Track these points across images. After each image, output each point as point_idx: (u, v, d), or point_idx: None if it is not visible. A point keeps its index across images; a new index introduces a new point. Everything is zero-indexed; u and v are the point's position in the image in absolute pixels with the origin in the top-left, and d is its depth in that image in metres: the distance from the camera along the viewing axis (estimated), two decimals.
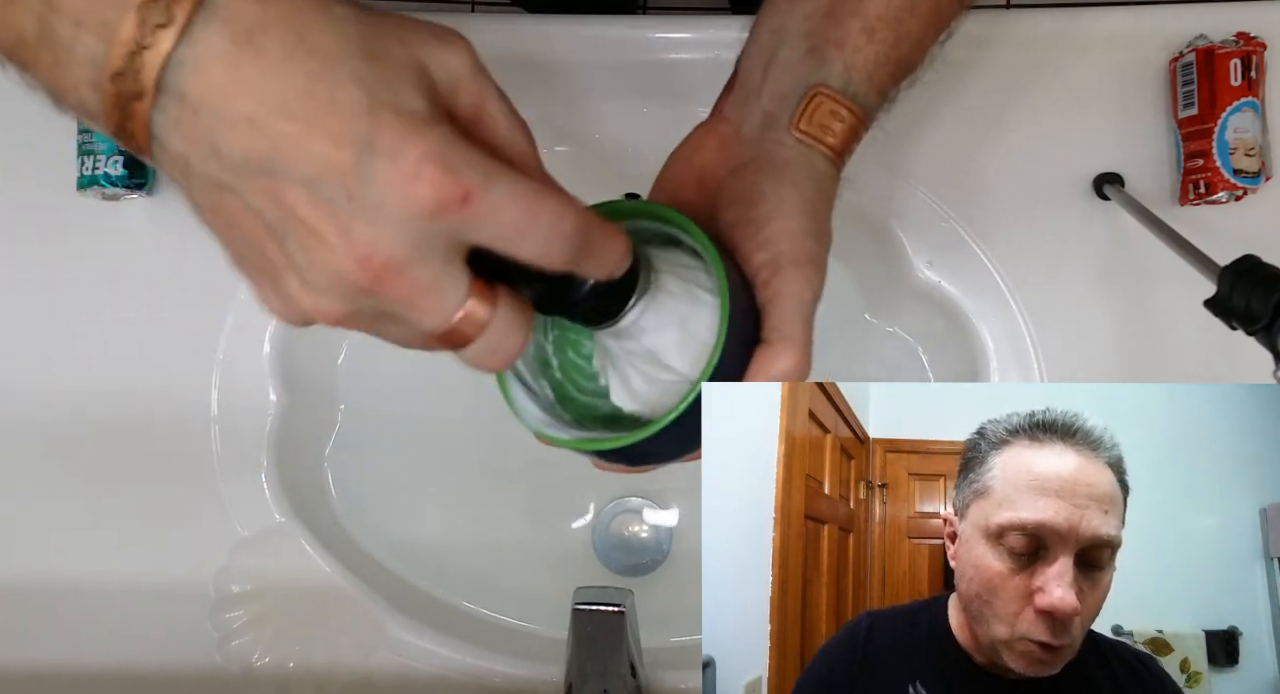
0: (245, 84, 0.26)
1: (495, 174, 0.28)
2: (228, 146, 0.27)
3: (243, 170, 0.27)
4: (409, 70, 0.28)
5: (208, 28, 0.26)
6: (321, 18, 0.27)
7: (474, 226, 0.28)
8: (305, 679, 0.64)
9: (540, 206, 0.29)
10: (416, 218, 0.27)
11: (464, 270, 0.29)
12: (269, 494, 0.66)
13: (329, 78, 0.26)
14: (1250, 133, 0.61)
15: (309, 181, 0.27)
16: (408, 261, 0.28)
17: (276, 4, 0.27)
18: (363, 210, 0.27)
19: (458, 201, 0.27)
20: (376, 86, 0.27)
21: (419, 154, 0.27)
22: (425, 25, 0.29)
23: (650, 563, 0.73)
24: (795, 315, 0.36)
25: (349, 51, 0.27)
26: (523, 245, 0.29)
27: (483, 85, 0.30)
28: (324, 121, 0.26)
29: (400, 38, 0.28)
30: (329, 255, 0.27)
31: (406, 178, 0.26)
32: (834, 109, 0.39)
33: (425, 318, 0.29)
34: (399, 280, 0.28)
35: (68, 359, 0.66)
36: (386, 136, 0.26)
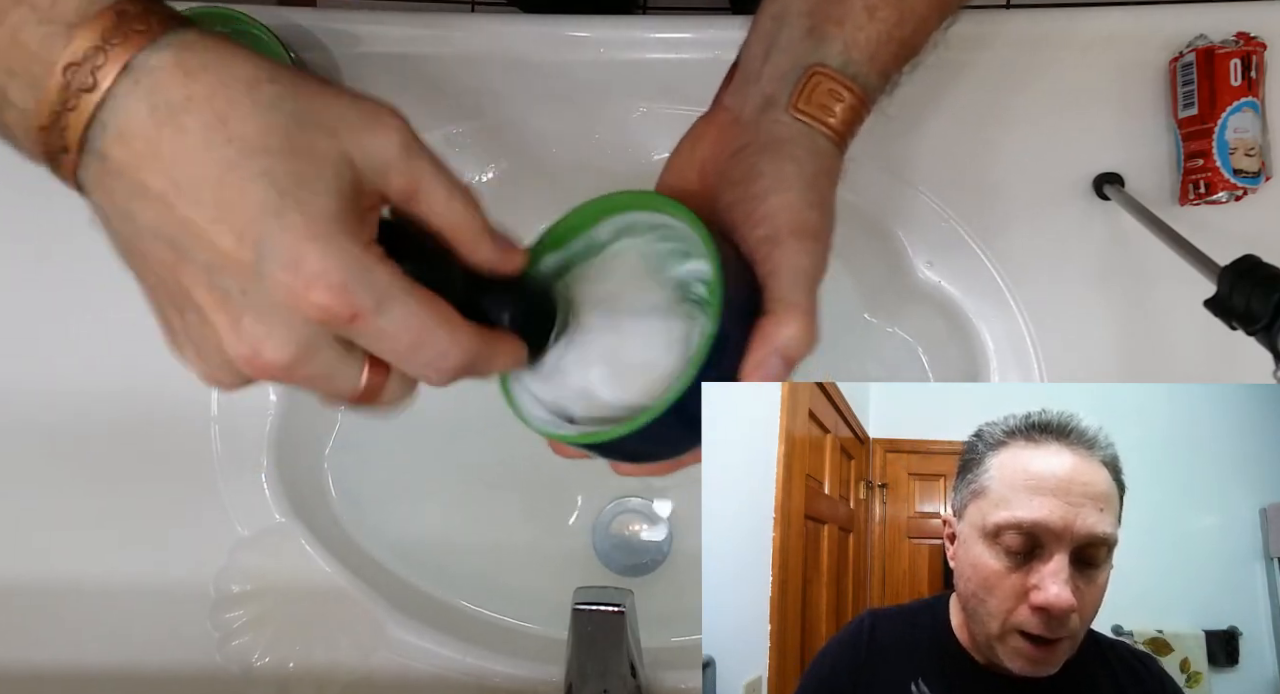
0: (162, 161, 0.26)
1: (389, 299, 0.28)
2: (140, 216, 0.27)
3: (153, 239, 0.28)
4: (329, 167, 0.28)
5: (131, 97, 0.26)
6: (248, 103, 0.27)
7: (360, 340, 0.29)
8: (305, 679, 0.64)
9: (427, 339, 0.29)
10: (305, 324, 0.28)
11: (358, 359, 0.30)
12: (269, 494, 0.66)
13: (243, 169, 0.26)
14: (1250, 133, 0.61)
15: (209, 268, 0.27)
16: (294, 360, 0.28)
17: (201, 80, 0.27)
18: (253, 307, 0.27)
19: (345, 319, 0.28)
20: (289, 186, 0.27)
21: (315, 267, 0.27)
22: (356, 108, 0.29)
23: (650, 563, 0.73)
24: (796, 284, 0.35)
25: (269, 144, 0.27)
26: (408, 367, 0.30)
27: (414, 165, 0.30)
28: (230, 215, 0.26)
29: (328, 127, 0.28)
30: (219, 342, 0.28)
31: (299, 288, 0.27)
32: (833, 88, 0.38)
33: (323, 395, 0.30)
34: (287, 375, 0.29)
35: (68, 359, 0.66)
36: (287, 242, 0.27)
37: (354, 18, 0.66)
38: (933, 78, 0.65)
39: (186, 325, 0.29)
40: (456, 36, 0.66)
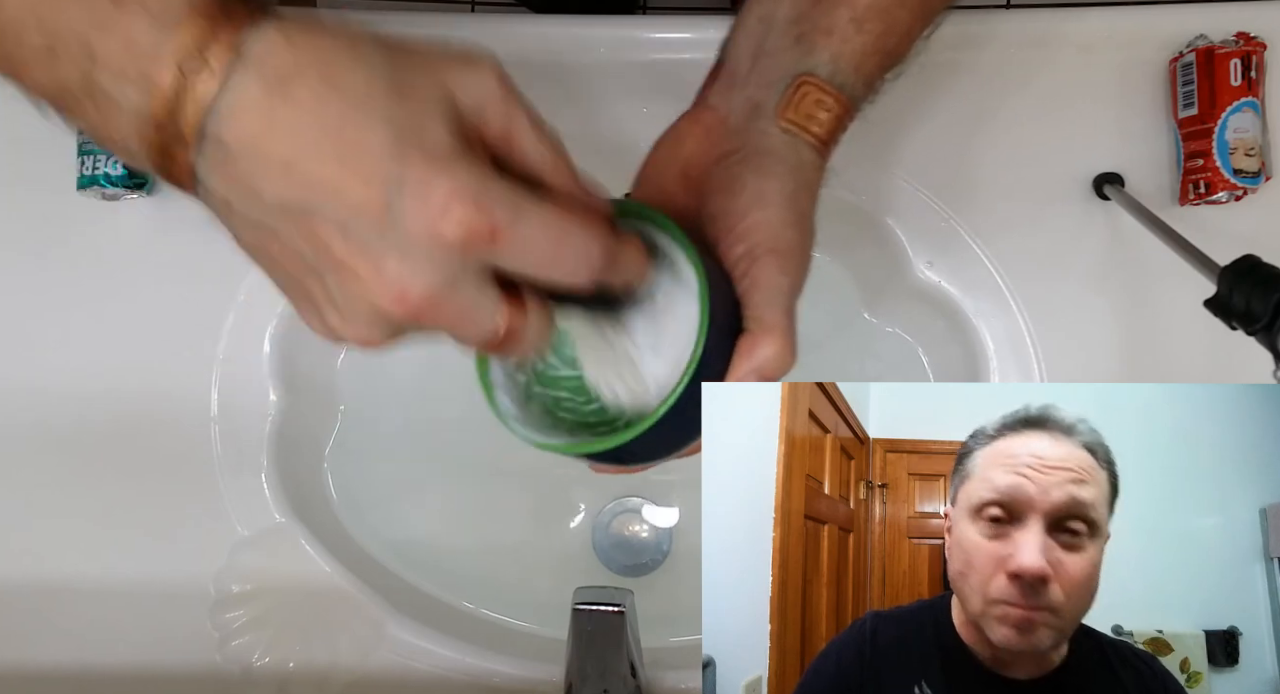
0: (280, 130, 0.27)
1: (523, 207, 0.29)
2: (266, 190, 0.28)
3: (281, 212, 0.28)
4: (436, 103, 0.29)
5: (244, 76, 0.27)
6: (350, 59, 0.28)
7: (503, 257, 0.29)
8: (305, 679, 0.64)
9: (566, 237, 0.30)
10: (446, 252, 0.28)
11: (496, 292, 0.30)
12: (269, 494, 0.66)
13: (358, 120, 0.27)
14: (1250, 133, 0.61)
15: (343, 222, 0.28)
16: (441, 294, 0.29)
17: (308, 49, 0.28)
18: (395, 247, 0.28)
19: (485, 237, 0.28)
20: (404, 125, 0.28)
21: (446, 191, 0.27)
22: (451, 51, 0.30)
23: (650, 563, 0.73)
24: (773, 303, 0.36)
25: (377, 91, 0.28)
26: (552, 272, 0.30)
27: (510, 106, 0.31)
28: (354, 164, 0.27)
29: (427, 69, 0.29)
30: (365, 292, 0.29)
31: (434, 215, 0.27)
32: (820, 98, 0.39)
33: (466, 336, 0.31)
34: (434, 311, 0.29)
35: (68, 359, 0.66)
36: (414, 175, 0.27)
37: (354, 18, 0.66)
38: (933, 77, 0.65)
39: (329, 290, 0.29)
40: (456, 36, 0.66)
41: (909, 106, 0.65)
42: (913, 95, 0.65)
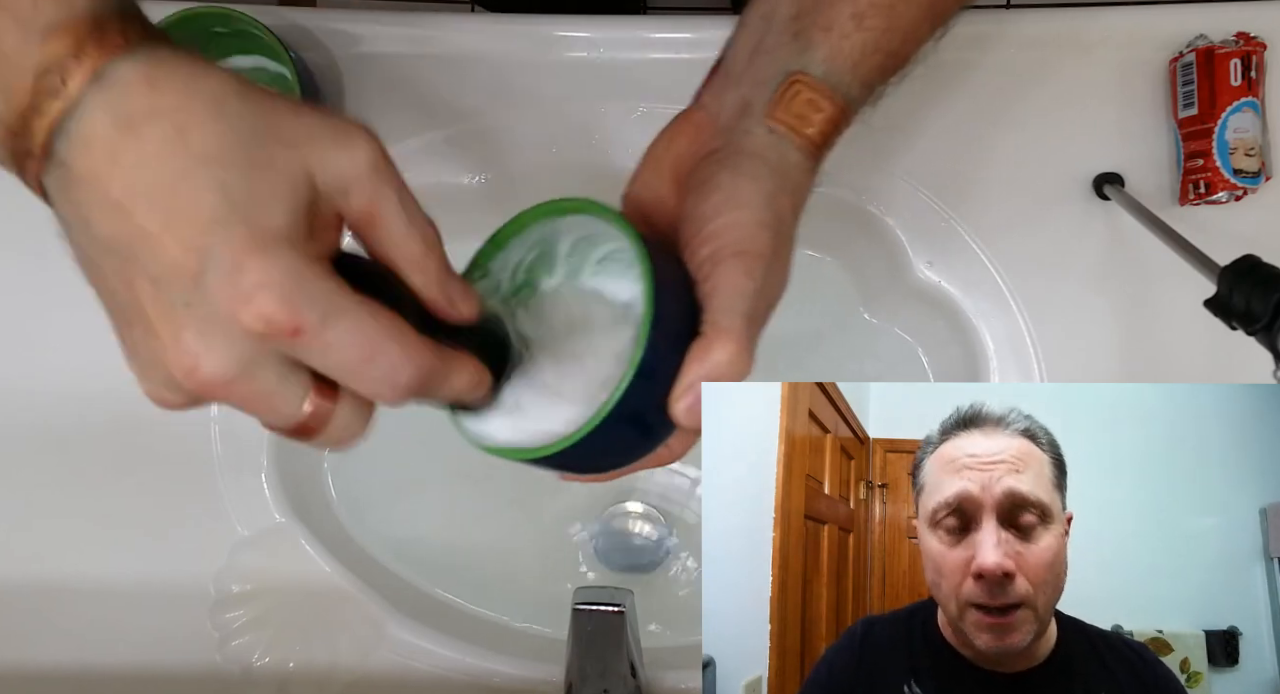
0: (120, 170, 0.26)
1: (336, 311, 0.27)
2: (96, 225, 0.27)
3: (106, 250, 0.28)
4: (285, 180, 0.28)
5: (95, 106, 0.26)
6: (210, 115, 0.27)
7: (305, 356, 0.28)
8: (305, 679, 0.64)
9: (377, 353, 0.28)
10: (244, 339, 0.27)
11: (301, 379, 0.29)
12: (269, 494, 0.66)
13: (195, 180, 0.26)
14: (1250, 133, 0.61)
15: (156, 279, 0.27)
16: (233, 377, 0.28)
17: (168, 93, 0.27)
18: (195, 321, 0.27)
19: (286, 333, 0.27)
20: (241, 198, 0.27)
21: (257, 277, 0.26)
22: (327, 123, 0.29)
23: (650, 563, 0.73)
24: (732, 307, 0.34)
25: (225, 156, 0.27)
26: (357, 384, 0.29)
27: (379, 187, 0.29)
28: (180, 224, 0.26)
29: (290, 140, 0.28)
30: (163, 355, 0.28)
31: (239, 299, 0.26)
32: (812, 98, 0.37)
33: (264, 418, 0.30)
34: (225, 392, 0.28)
35: (68, 359, 0.66)
36: (230, 253, 0.26)
37: (354, 18, 0.66)
38: (933, 78, 0.65)
39: (136, 340, 0.29)
40: (456, 36, 0.66)
41: (908, 106, 0.65)
42: (912, 95, 0.65)
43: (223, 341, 0.27)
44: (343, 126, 0.29)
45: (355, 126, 0.29)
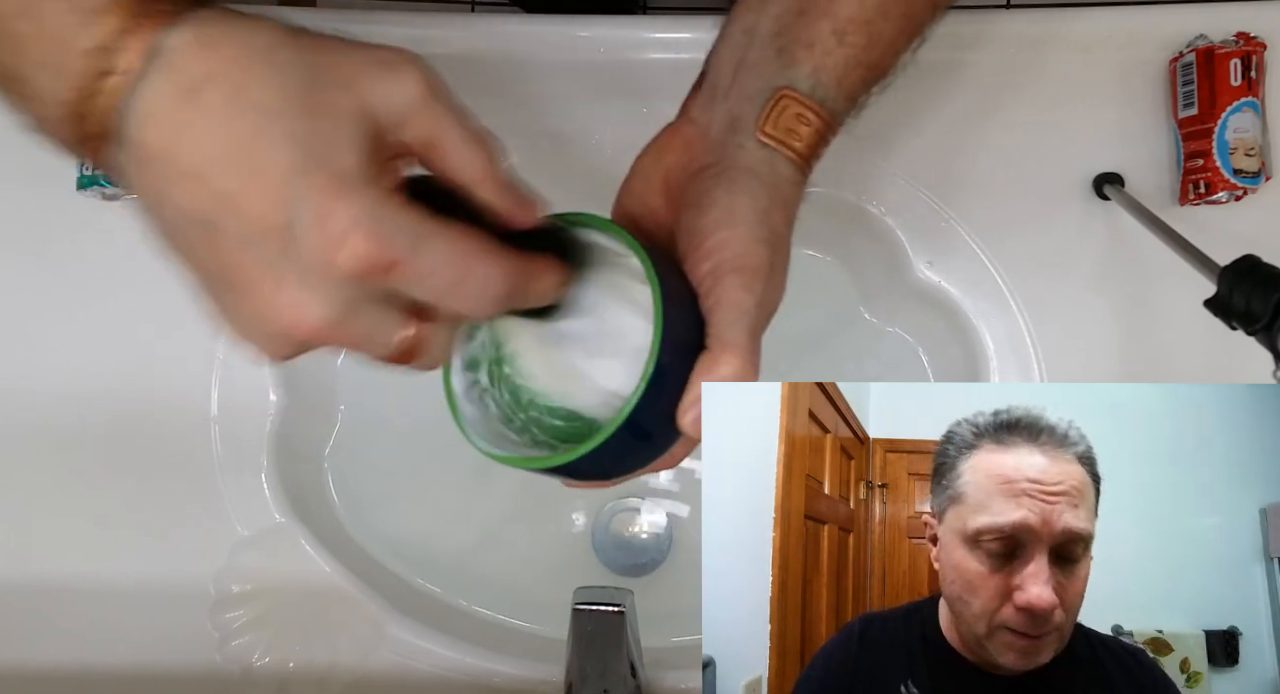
0: (190, 140, 0.27)
1: (424, 239, 0.28)
2: (175, 198, 0.28)
3: (189, 221, 0.28)
4: (349, 122, 0.28)
5: (155, 79, 0.26)
6: (266, 70, 0.27)
7: (402, 287, 0.29)
8: (305, 679, 0.64)
9: (470, 270, 0.29)
10: (343, 281, 0.28)
11: (396, 312, 0.30)
12: (269, 494, 0.66)
13: (266, 137, 0.27)
14: (1250, 133, 0.61)
15: (245, 239, 0.27)
16: (338, 320, 0.28)
17: (222, 53, 0.27)
18: (294, 271, 0.27)
19: (382, 269, 0.28)
20: (312, 146, 0.27)
21: (345, 221, 0.27)
22: (373, 57, 0.29)
23: (650, 563, 0.73)
24: (735, 321, 0.35)
25: (289, 107, 0.27)
26: (454, 303, 0.30)
27: (434, 113, 0.30)
28: (259, 182, 0.27)
29: (344, 81, 0.28)
30: (265, 310, 0.28)
31: (333, 244, 0.27)
32: (800, 112, 0.38)
33: (368, 353, 0.30)
34: (332, 335, 0.29)
35: (68, 359, 0.66)
36: (315, 201, 0.27)
37: (354, 18, 0.66)
38: (933, 77, 0.65)
39: (232, 304, 0.29)
40: (456, 36, 0.66)
41: (908, 106, 0.65)
42: (912, 95, 0.65)
43: (323, 288, 0.28)
44: (391, 59, 0.30)
45: (402, 57, 0.30)
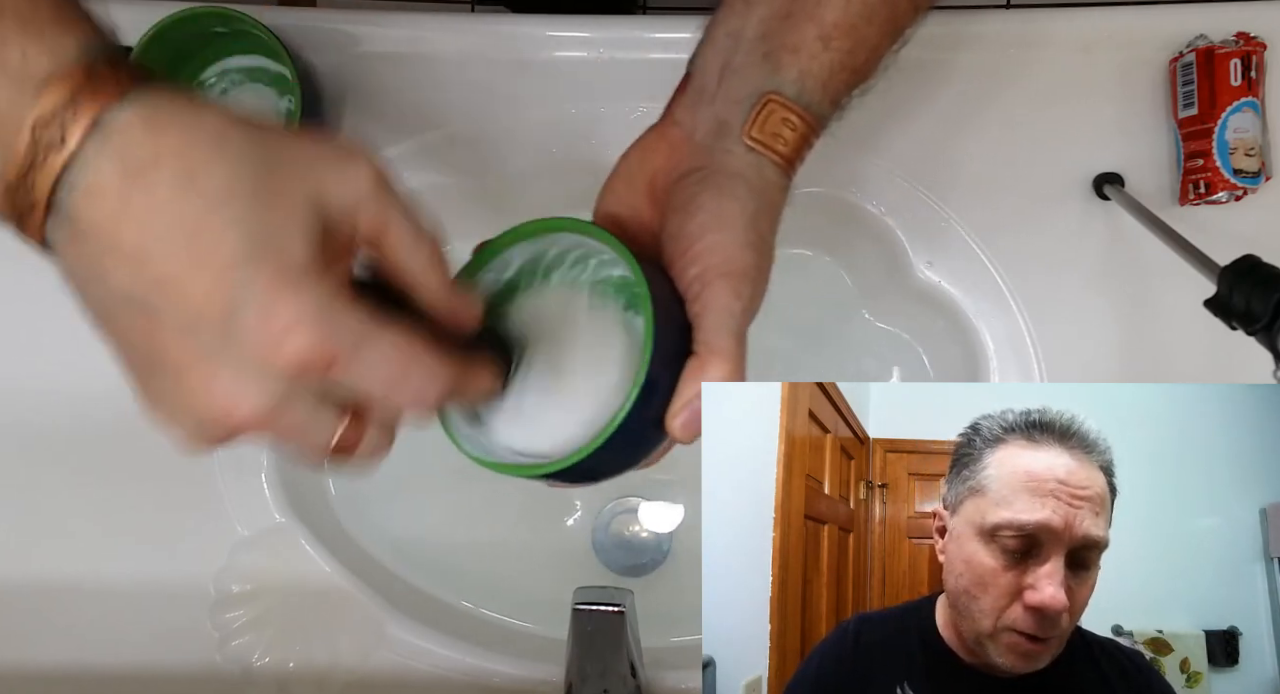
0: (133, 219, 0.26)
1: (366, 337, 0.28)
2: (112, 277, 0.27)
3: (124, 302, 0.28)
4: (298, 210, 0.28)
5: (99, 155, 0.26)
6: (215, 154, 0.27)
7: (341, 383, 0.29)
8: (305, 679, 0.64)
9: (409, 370, 0.29)
10: (281, 374, 0.27)
11: (330, 409, 0.30)
12: (269, 494, 0.66)
13: (214, 223, 0.26)
14: (1250, 133, 0.61)
15: (183, 325, 0.27)
16: (271, 413, 0.28)
17: (170, 136, 0.26)
18: (230, 362, 0.27)
19: (322, 366, 0.27)
20: (260, 235, 0.27)
21: (290, 315, 0.27)
22: (324, 148, 0.29)
23: (650, 563, 0.73)
24: (722, 327, 0.36)
25: (238, 194, 0.27)
26: (393, 398, 0.30)
27: (384, 206, 0.30)
28: (203, 268, 0.26)
29: (296, 169, 0.28)
30: (197, 398, 0.28)
31: (274, 337, 0.27)
32: (786, 117, 0.38)
33: (297, 450, 0.30)
34: (266, 426, 0.28)
35: (68, 359, 0.65)
36: (260, 292, 0.26)
37: (354, 18, 0.66)
38: (932, 77, 0.65)
39: (162, 388, 0.29)
40: (456, 36, 0.66)
41: (907, 107, 0.65)
42: (910, 96, 0.65)
43: (258, 381, 0.27)
44: (343, 150, 0.29)
45: (354, 148, 0.30)
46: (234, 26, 0.61)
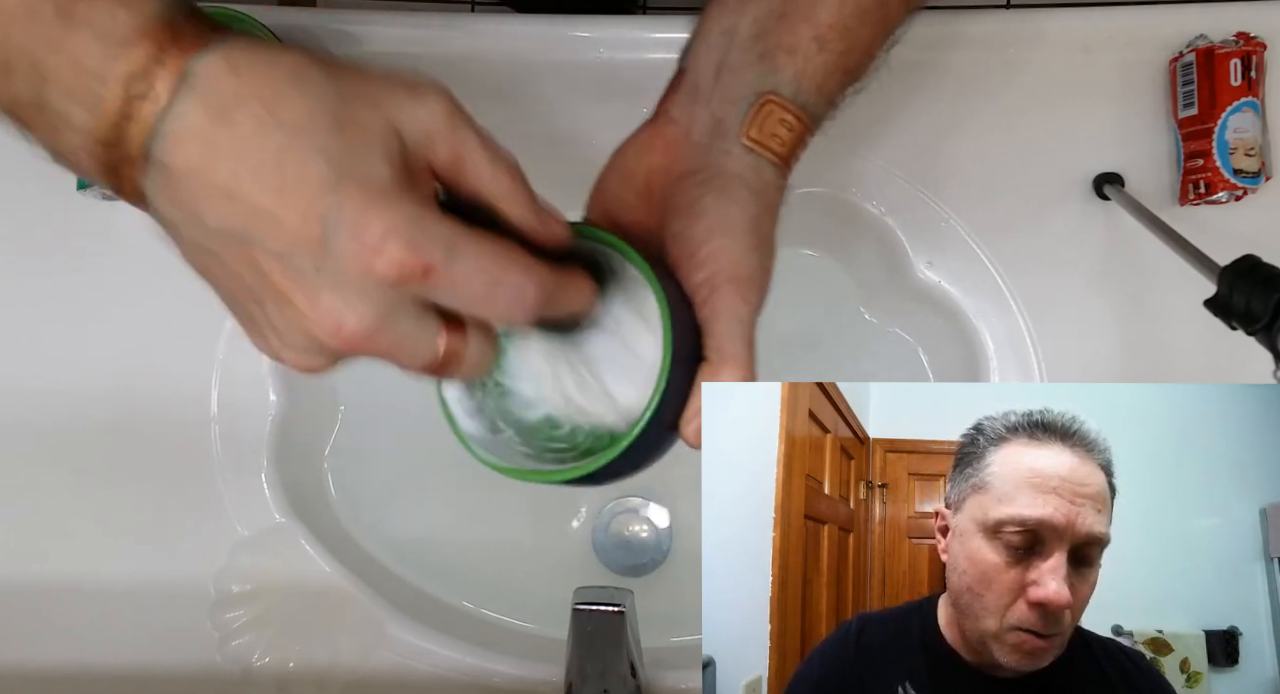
0: (221, 158, 0.27)
1: (459, 246, 0.29)
2: (208, 216, 0.28)
3: (222, 238, 0.29)
4: (378, 137, 0.29)
5: (188, 102, 0.27)
6: (293, 89, 0.28)
7: (437, 294, 0.29)
8: (305, 679, 0.64)
9: (502, 277, 0.30)
10: (380, 288, 0.28)
11: (433, 320, 0.30)
12: (269, 494, 0.66)
13: (297, 152, 0.27)
14: (1250, 133, 0.61)
15: (280, 253, 0.28)
16: (375, 327, 0.29)
17: (252, 76, 0.28)
18: (329, 282, 0.28)
19: (418, 275, 0.28)
20: (343, 159, 0.28)
21: (381, 229, 0.28)
22: (399, 80, 0.30)
23: (650, 563, 0.73)
24: (734, 332, 0.36)
25: (319, 123, 0.28)
26: (488, 309, 0.30)
27: (459, 134, 0.31)
28: (293, 196, 0.27)
29: (372, 100, 0.29)
30: (302, 322, 0.29)
31: (369, 252, 0.28)
32: (783, 117, 0.39)
33: (404, 363, 0.31)
34: (369, 343, 0.29)
35: (68, 359, 0.66)
36: (350, 211, 0.27)
37: (354, 18, 0.66)
38: (931, 77, 0.65)
39: (268, 315, 0.30)
40: (456, 36, 0.66)
41: (907, 106, 0.65)
42: (911, 96, 0.65)
43: (359, 296, 0.28)
44: (413, 83, 0.30)
45: (424, 82, 0.31)
46: (234, 26, 0.60)
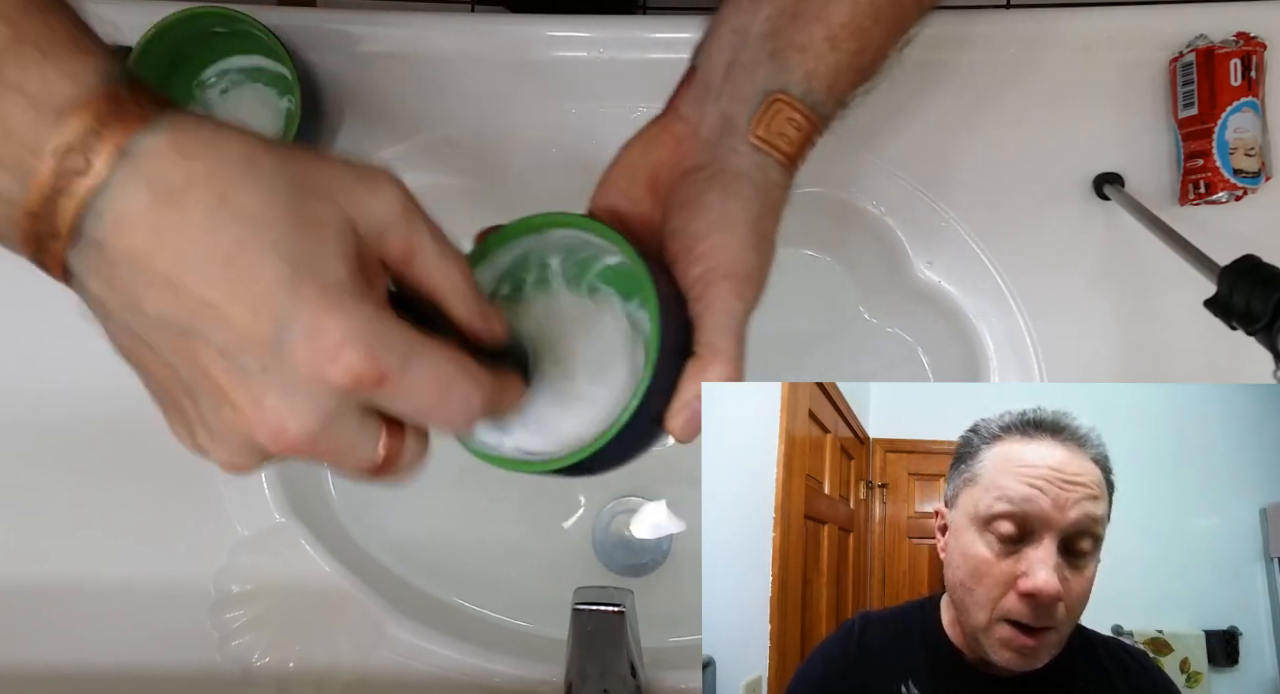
0: (167, 246, 0.26)
1: (413, 355, 0.28)
2: (146, 304, 0.27)
3: (159, 327, 0.27)
4: (334, 232, 0.28)
5: (128, 182, 0.26)
6: (246, 178, 0.27)
7: (386, 400, 0.29)
8: (305, 679, 0.64)
9: (452, 388, 0.29)
10: (330, 394, 0.27)
11: (374, 425, 0.30)
12: (269, 494, 0.66)
13: (253, 246, 0.26)
14: (1250, 133, 0.61)
15: (225, 349, 0.27)
16: (319, 433, 0.28)
17: (201, 161, 0.26)
18: (276, 383, 0.27)
19: (373, 383, 0.27)
20: (300, 257, 0.27)
21: (339, 334, 0.27)
22: (353, 172, 0.29)
23: (650, 563, 0.73)
24: (725, 328, 0.36)
25: (274, 216, 0.27)
26: (433, 418, 0.30)
27: (413, 227, 0.30)
28: (244, 292, 0.26)
29: (325, 191, 0.28)
30: (240, 422, 0.28)
31: (324, 357, 0.27)
32: (791, 116, 0.39)
33: (343, 466, 0.30)
34: (310, 447, 0.28)
35: (68, 359, 0.66)
36: (307, 314, 0.26)
37: (354, 18, 0.66)
38: (932, 77, 0.65)
39: (201, 411, 0.29)
40: (456, 36, 0.66)
41: (908, 107, 0.65)
42: (911, 96, 0.65)
43: (306, 400, 0.27)
44: (368, 172, 0.29)
45: (379, 171, 0.30)
46: (234, 26, 0.61)
